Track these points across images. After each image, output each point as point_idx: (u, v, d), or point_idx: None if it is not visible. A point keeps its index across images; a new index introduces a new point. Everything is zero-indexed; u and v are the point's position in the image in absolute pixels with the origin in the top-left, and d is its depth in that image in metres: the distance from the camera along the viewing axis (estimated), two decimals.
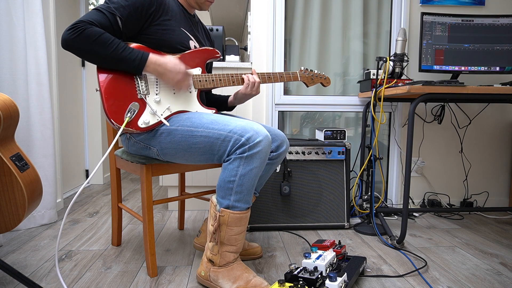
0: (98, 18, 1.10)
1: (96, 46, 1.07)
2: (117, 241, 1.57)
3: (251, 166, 1.10)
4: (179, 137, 1.16)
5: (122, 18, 1.13)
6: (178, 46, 1.26)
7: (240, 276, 1.15)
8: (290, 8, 2.23)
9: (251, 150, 1.09)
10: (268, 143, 1.12)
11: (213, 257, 1.17)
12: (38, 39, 1.77)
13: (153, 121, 1.18)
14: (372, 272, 1.35)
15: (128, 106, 1.15)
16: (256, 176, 1.13)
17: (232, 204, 1.12)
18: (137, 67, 1.14)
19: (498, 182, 2.34)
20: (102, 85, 1.13)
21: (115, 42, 1.10)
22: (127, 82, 1.16)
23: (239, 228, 1.15)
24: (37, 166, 1.80)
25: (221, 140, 1.11)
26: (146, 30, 1.21)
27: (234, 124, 1.12)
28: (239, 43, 5.47)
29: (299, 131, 2.35)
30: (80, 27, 1.05)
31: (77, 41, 1.06)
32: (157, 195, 2.56)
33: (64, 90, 2.48)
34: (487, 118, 2.30)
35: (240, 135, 1.09)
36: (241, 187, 1.11)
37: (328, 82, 1.56)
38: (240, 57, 2.28)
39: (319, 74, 1.52)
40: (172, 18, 1.26)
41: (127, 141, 1.29)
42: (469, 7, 2.21)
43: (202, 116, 1.18)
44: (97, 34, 1.07)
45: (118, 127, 1.13)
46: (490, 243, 1.67)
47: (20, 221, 1.11)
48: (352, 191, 2.13)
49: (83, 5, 2.76)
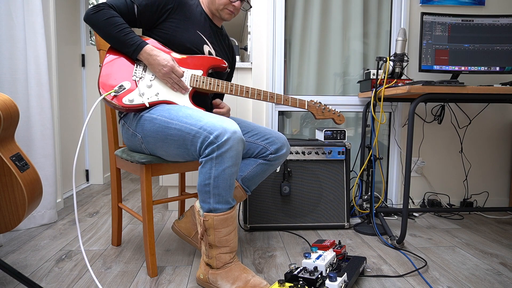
0: (118, 3, 1.25)
1: (106, 25, 1.21)
2: (117, 241, 1.57)
3: (223, 166, 1.09)
4: (157, 126, 1.20)
5: (140, 7, 1.27)
6: (189, 46, 1.33)
7: (239, 277, 1.15)
8: (290, 8, 2.23)
9: (219, 149, 1.08)
10: (237, 140, 1.10)
11: (209, 261, 1.17)
12: (38, 39, 1.77)
13: (137, 101, 1.24)
14: (372, 272, 1.35)
15: (120, 83, 1.24)
16: (231, 175, 1.12)
17: (213, 207, 1.12)
18: (133, 52, 1.24)
19: (498, 182, 2.34)
20: (105, 62, 1.26)
21: (122, 26, 1.23)
22: (127, 64, 1.28)
23: (227, 228, 1.14)
24: (37, 166, 1.80)
25: (192, 136, 1.12)
26: (161, 25, 1.32)
27: (205, 120, 1.12)
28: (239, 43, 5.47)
29: (299, 131, 2.35)
30: (100, 7, 1.22)
31: (93, 17, 1.22)
32: (157, 195, 2.56)
33: (64, 90, 2.48)
34: (487, 118, 2.30)
35: (209, 133, 1.09)
36: (217, 189, 1.11)
37: (341, 120, 1.55)
38: (240, 57, 2.28)
39: (331, 109, 1.52)
40: (189, 20, 1.35)
41: (123, 128, 1.36)
42: (469, 7, 2.21)
43: (180, 109, 1.20)
44: (110, 15, 1.22)
45: (101, 95, 1.21)
46: (490, 243, 1.67)
47: (20, 221, 1.11)
48: (352, 191, 2.13)
49: (83, 5, 2.76)
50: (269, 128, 1.41)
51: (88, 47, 2.79)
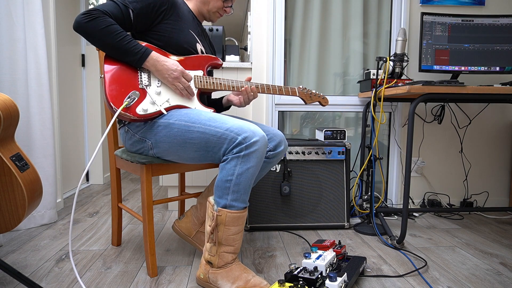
0: (112, 9, 1.17)
1: (104, 34, 1.13)
2: (117, 241, 1.57)
3: (248, 165, 1.11)
4: (175, 131, 1.18)
5: (135, 11, 1.21)
6: (185, 46, 1.32)
7: (239, 277, 1.15)
8: (290, 8, 2.23)
9: (247, 149, 1.10)
10: (264, 143, 1.13)
11: (211, 258, 1.17)
12: (38, 39, 1.77)
13: (151, 109, 1.20)
14: (372, 272, 1.35)
15: (128, 93, 1.19)
16: (253, 175, 1.13)
17: (229, 203, 1.13)
18: (139, 60, 1.19)
19: (498, 182, 2.34)
20: (106, 72, 1.19)
21: (122, 34, 1.16)
22: (131, 72, 1.22)
23: (237, 227, 1.15)
24: (37, 166, 1.80)
25: (217, 138, 1.12)
26: (156, 27, 1.27)
27: (231, 123, 1.13)
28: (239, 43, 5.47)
29: (299, 131, 2.35)
30: (93, 14, 1.13)
31: (87, 26, 1.12)
32: (157, 195, 2.56)
33: (64, 90, 2.48)
34: (487, 118, 2.30)
35: (237, 134, 1.10)
36: (238, 186, 1.12)
37: (326, 102, 1.59)
38: (240, 57, 2.28)
39: (317, 93, 1.55)
40: (182, 20, 1.33)
41: (125, 134, 1.32)
42: (469, 7, 2.21)
43: (200, 113, 1.20)
44: (107, 24, 1.13)
45: (115, 110, 1.16)
46: (490, 243, 1.67)
47: (20, 221, 1.11)
48: (352, 191, 2.13)
49: (83, 5, 2.76)
50: (266, 125, 1.42)
51: (88, 47, 2.79)
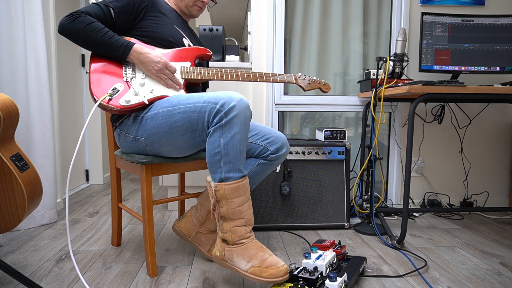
0: (94, 9, 1.23)
1: (87, 31, 1.17)
2: (117, 241, 1.57)
3: (231, 132, 1.09)
4: (160, 120, 1.19)
5: (115, 9, 1.25)
6: (171, 40, 1.34)
7: (255, 255, 1.11)
8: (290, 8, 2.23)
9: (227, 116, 1.08)
10: (244, 106, 1.11)
11: (225, 236, 1.14)
12: (38, 39, 1.77)
13: (134, 101, 1.22)
14: (372, 272, 1.35)
15: (112, 86, 1.22)
16: (241, 141, 1.11)
17: (224, 176, 1.11)
18: (122, 53, 1.22)
19: (498, 182, 2.34)
20: (92, 68, 1.23)
21: (104, 29, 1.20)
22: (116, 66, 1.26)
23: (239, 198, 1.12)
24: (37, 166, 1.80)
25: (197, 113, 1.12)
26: (139, 24, 1.31)
27: (208, 95, 1.14)
28: (239, 43, 5.47)
29: (299, 131, 2.35)
30: (75, 15, 1.18)
31: (70, 26, 1.17)
32: (157, 195, 2.56)
33: (64, 90, 2.48)
34: (487, 118, 2.30)
35: (214, 103, 1.10)
36: (228, 157, 1.10)
37: (328, 88, 1.56)
38: (240, 57, 2.28)
39: (317, 80, 1.53)
40: (165, 16, 1.36)
41: (119, 137, 1.32)
42: (469, 7, 2.21)
43: (180, 95, 1.21)
44: (89, 22, 1.18)
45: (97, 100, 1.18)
46: (490, 243, 1.67)
47: (20, 221, 1.11)
48: (352, 191, 2.13)
49: (83, 5, 2.76)
50: (269, 127, 1.41)
51: None
